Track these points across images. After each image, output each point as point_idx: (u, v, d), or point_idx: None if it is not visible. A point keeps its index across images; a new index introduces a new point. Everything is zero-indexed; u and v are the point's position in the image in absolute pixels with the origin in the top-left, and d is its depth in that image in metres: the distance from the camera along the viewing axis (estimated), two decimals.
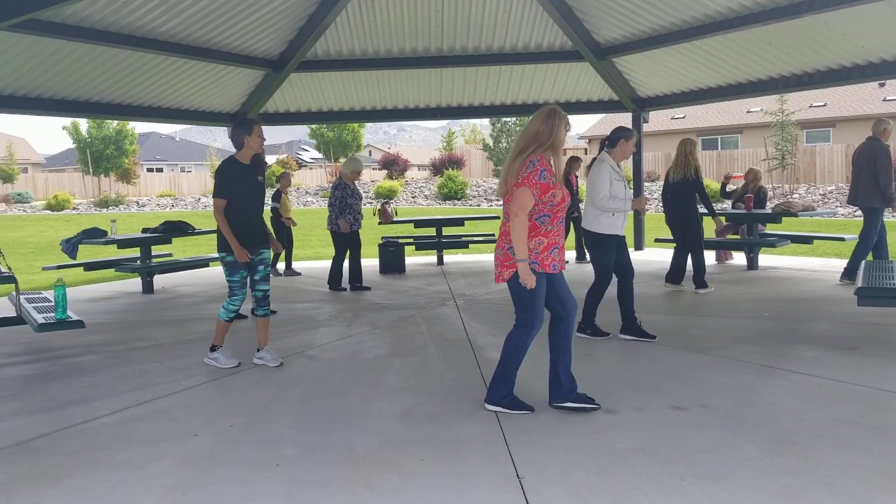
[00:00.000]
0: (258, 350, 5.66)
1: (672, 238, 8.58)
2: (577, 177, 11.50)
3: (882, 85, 30.19)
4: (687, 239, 8.26)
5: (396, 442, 3.82)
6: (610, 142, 6.03)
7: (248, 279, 5.54)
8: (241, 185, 5.37)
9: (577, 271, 10.45)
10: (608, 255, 5.97)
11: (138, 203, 32.96)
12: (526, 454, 3.60)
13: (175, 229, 9.82)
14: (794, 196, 23.82)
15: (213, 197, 5.36)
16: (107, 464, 3.65)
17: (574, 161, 11.42)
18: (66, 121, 39.62)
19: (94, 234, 9.36)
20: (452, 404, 4.44)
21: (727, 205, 14.57)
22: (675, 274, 8.59)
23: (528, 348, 4.24)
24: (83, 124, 39.09)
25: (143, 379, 5.28)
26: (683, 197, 8.05)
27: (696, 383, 4.73)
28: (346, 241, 9.27)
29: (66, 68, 9.09)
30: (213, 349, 5.64)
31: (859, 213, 19.81)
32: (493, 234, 12.01)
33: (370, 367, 5.41)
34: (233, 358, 5.63)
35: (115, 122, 38.06)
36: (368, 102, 12.88)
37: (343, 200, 9.14)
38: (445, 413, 4.29)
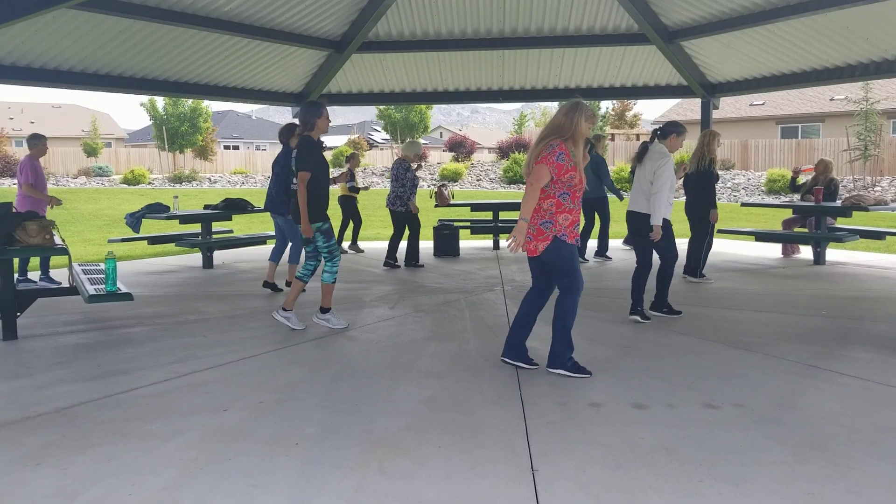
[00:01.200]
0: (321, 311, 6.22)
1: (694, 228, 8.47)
2: None
3: None
4: (699, 229, 8.34)
5: (417, 426, 3.82)
6: (662, 133, 6.33)
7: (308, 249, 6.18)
8: (317, 161, 5.90)
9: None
10: (673, 238, 6.30)
11: (210, 179, 33.80)
12: (545, 445, 3.54)
13: (235, 206, 10.02)
14: (875, 189, 22.77)
15: (298, 170, 5.85)
16: (136, 434, 3.76)
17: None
18: (145, 98, 40.93)
19: (156, 210, 9.63)
20: (480, 391, 4.41)
21: (791, 198, 14.04)
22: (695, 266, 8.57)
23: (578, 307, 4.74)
24: (160, 101, 40.28)
25: (186, 352, 5.42)
26: (700, 188, 8.13)
27: (735, 381, 4.57)
28: (403, 221, 9.55)
29: (135, 46, 9.33)
30: (323, 311, 6.17)
31: None
32: None
33: (405, 350, 5.42)
34: (343, 320, 6.28)
35: (189, 100, 39.09)
36: (430, 84, 12.84)
37: (412, 181, 9.48)
38: (471, 399, 4.26)
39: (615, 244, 11.54)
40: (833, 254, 10.39)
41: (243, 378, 4.77)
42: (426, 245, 11.31)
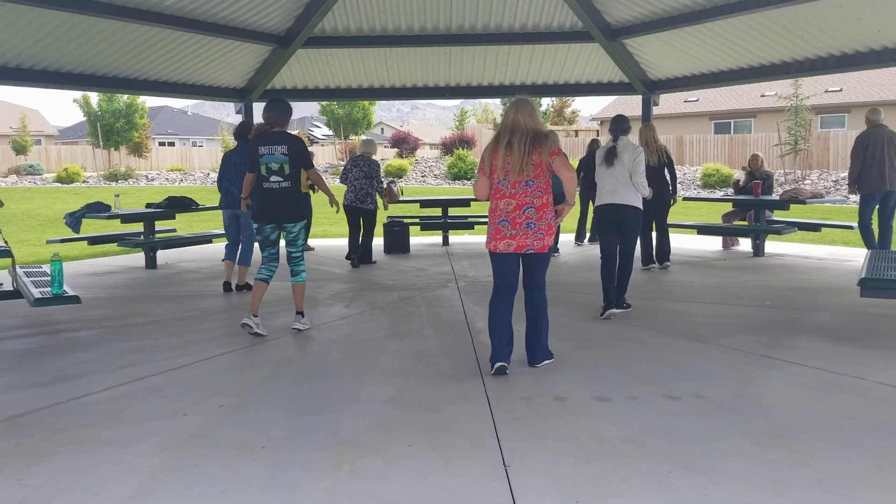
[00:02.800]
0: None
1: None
2: None
3: None
4: (659, 220, 8.80)
5: (384, 426, 3.79)
6: (624, 130, 6.47)
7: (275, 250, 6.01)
8: None
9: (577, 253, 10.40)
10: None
11: (147, 177, 32.97)
12: (514, 441, 3.56)
13: (178, 205, 9.80)
14: (805, 182, 23.58)
15: (310, 168, 5.96)
16: (94, 441, 3.64)
17: (595, 143, 11.57)
18: (78, 94, 39.63)
19: (97, 209, 9.36)
20: (444, 388, 4.41)
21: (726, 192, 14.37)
22: (648, 256, 8.90)
23: None
24: (94, 97, 39.06)
25: (138, 356, 5.27)
26: (659, 180, 8.43)
27: (692, 372, 4.68)
28: (371, 218, 9.73)
29: (73, 41, 9.02)
30: (300, 313, 6.04)
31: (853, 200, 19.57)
32: None
33: (365, 349, 5.38)
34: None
35: (125, 96, 38.01)
36: (377, 80, 12.77)
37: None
38: (437, 397, 4.25)
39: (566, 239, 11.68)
40: (771, 245, 10.71)
41: (200, 381, 4.66)
42: (376, 242, 11.24)
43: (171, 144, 57.28)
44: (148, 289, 8.19)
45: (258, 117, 6.83)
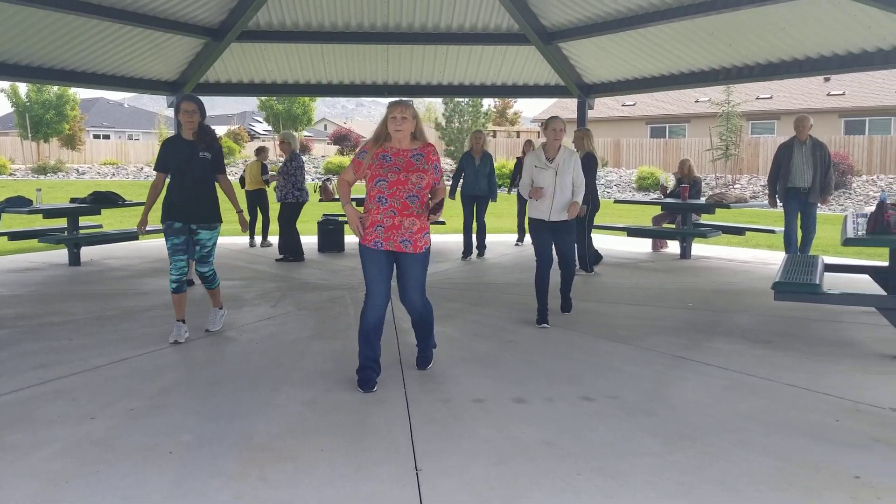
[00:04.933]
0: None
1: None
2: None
3: (827, 80, 30.80)
4: (586, 224, 8.69)
5: (299, 430, 3.75)
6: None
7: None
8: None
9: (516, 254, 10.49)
10: (533, 238, 6.27)
11: (78, 171, 31.99)
12: (429, 444, 3.55)
13: (104, 200, 9.52)
14: (735, 186, 24.24)
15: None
16: None
17: (527, 144, 11.71)
18: (6, 84, 38.19)
19: (17, 203, 9.04)
20: (360, 392, 4.36)
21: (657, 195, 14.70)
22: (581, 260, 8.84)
23: None
24: (22, 88, 37.65)
25: (51, 356, 5.10)
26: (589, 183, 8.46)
27: (610, 374, 4.75)
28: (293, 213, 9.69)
29: None
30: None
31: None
32: None
33: (288, 351, 5.31)
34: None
35: (55, 87, 36.77)
36: (314, 76, 12.63)
37: (293, 173, 9.59)
38: (356, 400, 4.22)
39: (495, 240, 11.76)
40: (698, 248, 10.97)
41: (113, 383, 4.53)
42: (310, 240, 11.13)
43: (107, 137, 55.65)
44: (69, 287, 7.93)
45: None
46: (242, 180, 11.51)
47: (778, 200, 8.90)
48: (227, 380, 4.60)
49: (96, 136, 53.13)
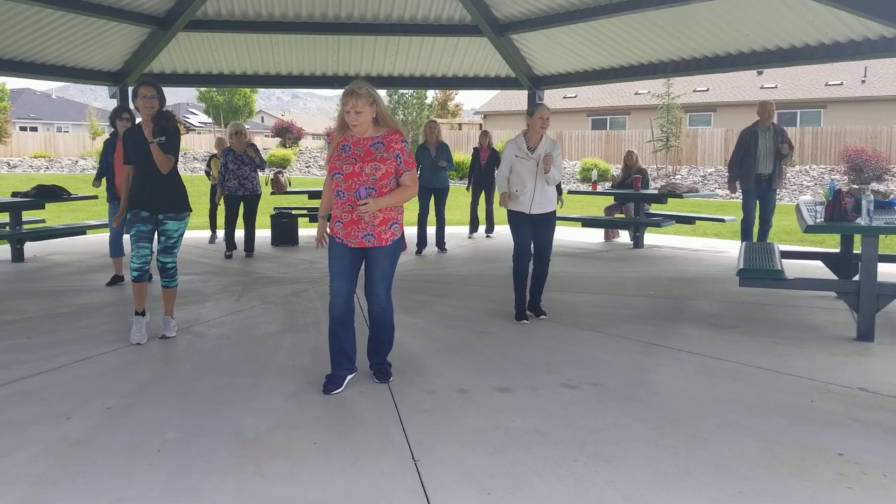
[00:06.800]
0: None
1: None
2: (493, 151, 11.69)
3: (760, 73, 31.73)
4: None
5: (287, 424, 3.69)
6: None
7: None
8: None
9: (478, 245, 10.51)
10: (512, 231, 5.97)
11: (9, 164, 30.78)
12: (421, 435, 3.54)
13: (48, 194, 9.16)
14: (676, 177, 24.80)
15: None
16: None
17: (483, 136, 11.78)
18: None
19: None
20: (347, 384, 4.32)
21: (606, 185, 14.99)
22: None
23: None
24: None
25: (10, 356, 4.90)
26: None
27: (587, 361, 4.81)
28: (228, 207, 9.39)
29: None
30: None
31: (737, 195, 20.79)
32: None
33: (260, 345, 5.22)
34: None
35: None
36: (262, 67, 12.40)
37: (224, 166, 9.30)
38: (340, 393, 4.18)
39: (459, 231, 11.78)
40: (649, 238, 11.19)
41: (83, 382, 4.38)
42: (263, 234, 10.97)
43: (34, 129, 53.67)
44: (16, 284, 7.63)
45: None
46: (208, 174, 11.22)
47: (737, 186, 8.89)
48: (203, 375, 4.50)
49: (23, 129, 51.19)
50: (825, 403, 3.98)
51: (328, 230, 4.29)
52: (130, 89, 11.01)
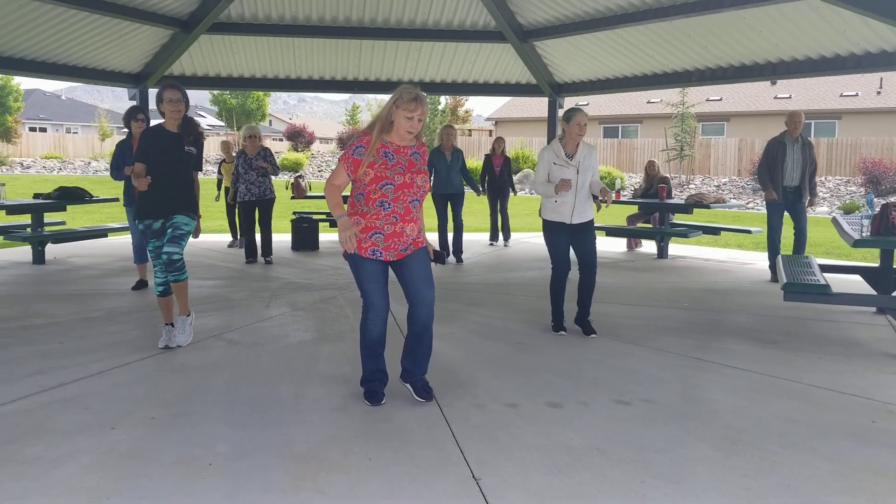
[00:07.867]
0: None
1: None
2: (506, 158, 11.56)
3: (773, 83, 31.62)
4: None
5: (339, 438, 3.59)
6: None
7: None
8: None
9: (494, 252, 10.43)
10: (551, 241, 5.78)
11: (22, 164, 30.79)
12: (478, 452, 3.44)
13: (71, 195, 9.10)
14: (690, 186, 24.68)
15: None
16: (15, 460, 3.26)
17: (497, 142, 11.66)
18: None
19: None
20: (390, 395, 4.22)
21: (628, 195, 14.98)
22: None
23: None
24: None
25: (46, 362, 4.81)
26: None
27: (634, 376, 4.70)
28: (242, 213, 9.42)
29: None
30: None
31: (752, 205, 20.80)
32: None
33: (297, 354, 5.12)
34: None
35: None
36: (282, 70, 12.35)
37: (237, 168, 9.26)
38: (386, 405, 4.08)
39: (473, 238, 11.68)
40: (673, 248, 11.08)
41: (122, 390, 4.29)
42: (283, 238, 10.89)
43: (43, 130, 53.75)
44: (41, 286, 7.55)
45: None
46: (219, 182, 11.18)
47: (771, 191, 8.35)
48: (243, 385, 4.40)
49: (32, 129, 51.27)
50: (888, 424, 3.87)
51: (356, 241, 3.95)
52: (151, 91, 11.03)
